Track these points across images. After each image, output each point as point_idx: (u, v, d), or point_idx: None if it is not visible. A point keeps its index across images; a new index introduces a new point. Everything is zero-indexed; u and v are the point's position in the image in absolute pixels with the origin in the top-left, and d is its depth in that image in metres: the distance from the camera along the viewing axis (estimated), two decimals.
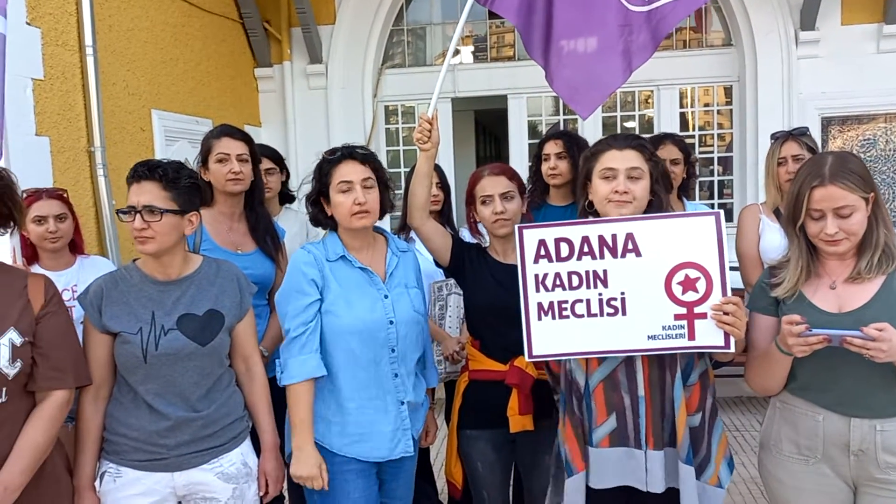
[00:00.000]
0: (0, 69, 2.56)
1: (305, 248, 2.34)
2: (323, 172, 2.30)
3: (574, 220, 2.14)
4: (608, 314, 2.07)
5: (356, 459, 2.26)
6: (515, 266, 2.43)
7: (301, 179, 2.46)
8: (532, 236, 2.10)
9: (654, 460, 2.08)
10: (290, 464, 2.26)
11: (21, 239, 2.80)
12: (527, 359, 2.13)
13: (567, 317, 2.09)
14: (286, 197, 3.43)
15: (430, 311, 3.19)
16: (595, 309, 2.07)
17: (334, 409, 2.27)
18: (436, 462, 3.67)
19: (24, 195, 2.81)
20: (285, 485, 2.52)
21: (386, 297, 2.31)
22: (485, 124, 11.26)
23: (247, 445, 2.24)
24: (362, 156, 2.29)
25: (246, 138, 2.79)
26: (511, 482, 2.61)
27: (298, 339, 2.22)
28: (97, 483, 2.10)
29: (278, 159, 3.35)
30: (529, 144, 7.21)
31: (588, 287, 2.08)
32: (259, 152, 3.27)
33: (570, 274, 2.08)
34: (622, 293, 2.06)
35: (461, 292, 3.25)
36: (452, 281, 3.25)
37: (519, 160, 7.05)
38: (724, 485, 2.17)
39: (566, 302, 2.09)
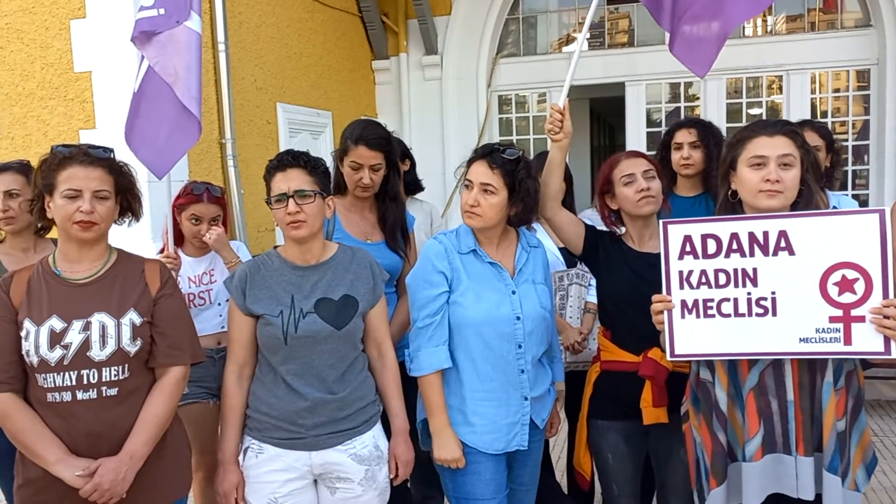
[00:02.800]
0: (196, 64, 2.77)
1: (438, 238, 2.38)
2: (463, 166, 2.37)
3: (722, 216, 2.05)
4: (757, 314, 1.96)
5: (475, 448, 2.30)
6: (652, 254, 2.38)
7: (455, 169, 2.47)
8: (677, 232, 2.02)
9: (804, 466, 1.98)
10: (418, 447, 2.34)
11: (174, 222, 2.97)
12: (668, 358, 2.06)
13: (713, 316, 2.00)
14: (413, 186, 3.47)
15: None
16: (743, 309, 1.98)
17: (458, 399, 2.32)
18: (553, 451, 3.66)
19: (186, 189, 2.97)
20: None
21: (514, 292, 2.31)
22: (599, 112, 11.04)
23: (378, 429, 2.30)
24: (492, 161, 2.27)
25: (382, 145, 2.74)
26: (641, 475, 2.56)
27: (425, 331, 2.29)
28: (240, 458, 2.21)
29: (402, 150, 3.39)
30: (647, 133, 7.02)
31: (736, 285, 1.98)
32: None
33: (716, 271, 1.99)
34: (773, 293, 1.96)
35: (582, 283, 3.22)
36: (574, 271, 3.22)
37: (635, 149, 6.87)
38: (860, 489, 2.05)
39: (712, 300, 2.00)
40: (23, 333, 1.94)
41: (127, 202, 2.10)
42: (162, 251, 2.93)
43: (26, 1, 5.28)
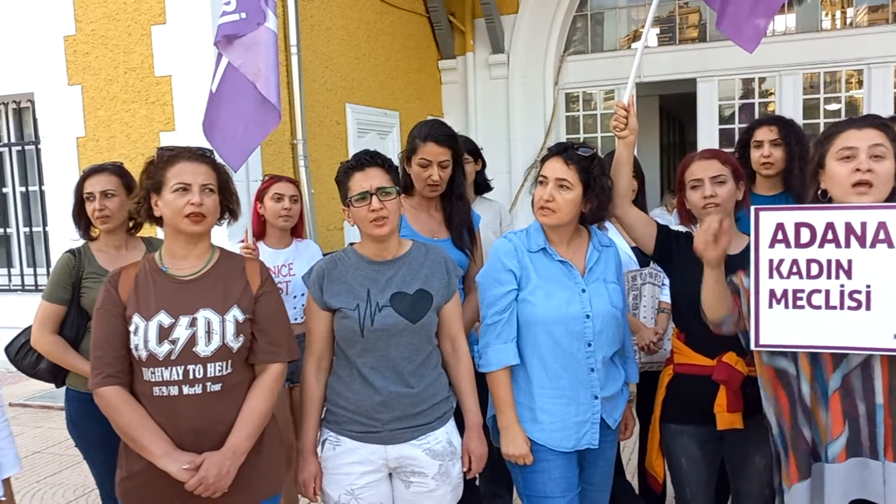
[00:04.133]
0: (275, 61, 2.91)
1: (507, 236, 2.40)
2: (540, 164, 2.37)
3: (818, 205, 1.99)
4: (849, 308, 1.90)
5: (544, 446, 2.30)
6: (728, 256, 2.34)
7: (526, 168, 2.52)
8: (769, 219, 1.97)
9: (893, 473, 1.91)
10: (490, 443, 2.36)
11: (254, 217, 3.10)
12: (752, 347, 2.01)
13: (802, 307, 1.94)
14: (482, 186, 3.49)
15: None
16: (835, 301, 1.92)
17: (526, 396, 2.32)
18: (623, 451, 3.61)
19: (266, 178, 3.21)
20: None
21: (583, 291, 2.30)
22: (669, 110, 10.83)
23: (451, 425, 2.32)
24: (568, 157, 2.28)
25: (450, 142, 2.80)
26: (715, 480, 2.51)
27: (494, 328, 2.30)
28: (319, 449, 2.27)
29: (474, 150, 3.41)
30: (720, 129, 6.86)
31: (829, 277, 1.92)
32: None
33: (808, 261, 1.94)
34: (868, 286, 1.89)
35: (656, 282, 3.18)
36: (647, 270, 3.18)
37: (708, 146, 6.74)
38: None
39: (802, 291, 1.94)
40: (132, 328, 2.00)
41: (226, 200, 2.16)
42: (243, 241, 3.08)
43: (110, 8, 5.50)
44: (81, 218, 2.79)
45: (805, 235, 1.94)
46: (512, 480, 2.51)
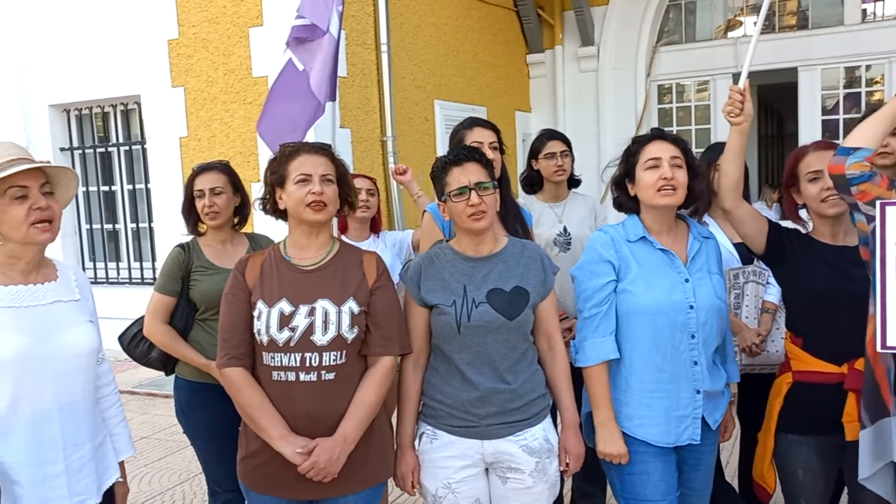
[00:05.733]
0: (332, 61, 3.15)
1: (604, 229, 2.37)
2: (631, 153, 2.31)
3: None
4: None
5: (645, 442, 2.25)
6: (850, 248, 2.22)
7: (607, 163, 2.48)
8: None
9: None
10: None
11: None
12: (878, 349, 1.91)
13: None
14: (573, 181, 3.46)
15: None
16: None
17: (626, 391, 2.27)
18: (722, 453, 3.50)
19: None
20: None
21: (686, 280, 2.24)
22: (767, 100, 10.41)
23: (548, 422, 2.30)
24: (673, 138, 2.26)
25: (494, 127, 2.85)
26: (832, 491, 2.39)
27: (591, 321, 2.26)
28: (416, 442, 2.30)
29: (569, 143, 3.38)
30: (822, 121, 6.55)
31: None
32: (551, 136, 3.35)
33: None
34: None
35: (760, 280, 3.05)
36: (750, 268, 3.06)
37: (810, 139, 6.44)
38: None
39: None
40: (255, 313, 2.11)
41: (344, 192, 2.23)
42: None
43: (210, 12, 5.72)
44: (191, 214, 2.92)
45: None
46: (606, 480, 2.46)
